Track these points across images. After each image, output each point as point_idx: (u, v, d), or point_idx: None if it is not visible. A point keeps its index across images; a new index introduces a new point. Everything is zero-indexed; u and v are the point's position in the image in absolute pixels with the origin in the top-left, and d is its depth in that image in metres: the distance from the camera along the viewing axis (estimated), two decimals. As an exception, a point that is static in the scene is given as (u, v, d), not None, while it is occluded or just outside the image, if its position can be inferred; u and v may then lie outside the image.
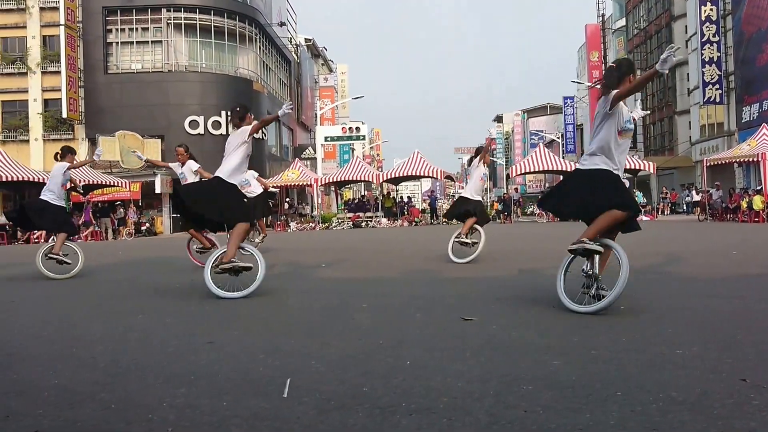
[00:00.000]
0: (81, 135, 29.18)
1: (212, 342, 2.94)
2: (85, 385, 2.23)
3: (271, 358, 2.55)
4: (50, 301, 5.00)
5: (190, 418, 1.83)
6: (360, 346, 2.79)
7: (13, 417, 1.88)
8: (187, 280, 6.09)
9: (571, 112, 48.51)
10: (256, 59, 32.96)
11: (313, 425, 1.73)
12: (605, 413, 1.74)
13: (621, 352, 2.48)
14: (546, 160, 25.67)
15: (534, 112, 64.98)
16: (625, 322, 3.14)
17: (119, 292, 5.31)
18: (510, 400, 1.89)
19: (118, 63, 29.85)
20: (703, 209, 21.25)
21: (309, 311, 3.87)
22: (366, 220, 25.74)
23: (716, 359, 2.33)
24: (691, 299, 3.87)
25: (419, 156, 26.20)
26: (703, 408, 1.77)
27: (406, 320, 3.43)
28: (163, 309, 4.25)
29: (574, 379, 2.10)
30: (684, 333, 2.83)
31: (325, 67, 54.98)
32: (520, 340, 2.79)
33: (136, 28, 30.02)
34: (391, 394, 2.00)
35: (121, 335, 3.24)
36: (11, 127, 29.31)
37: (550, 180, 53.33)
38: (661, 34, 36.24)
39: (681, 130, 33.51)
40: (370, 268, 6.96)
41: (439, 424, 1.71)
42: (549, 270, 6.09)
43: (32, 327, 3.65)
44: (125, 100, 28.81)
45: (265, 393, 2.05)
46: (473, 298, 4.31)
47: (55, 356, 2.75)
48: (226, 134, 29.64)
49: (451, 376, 2.18)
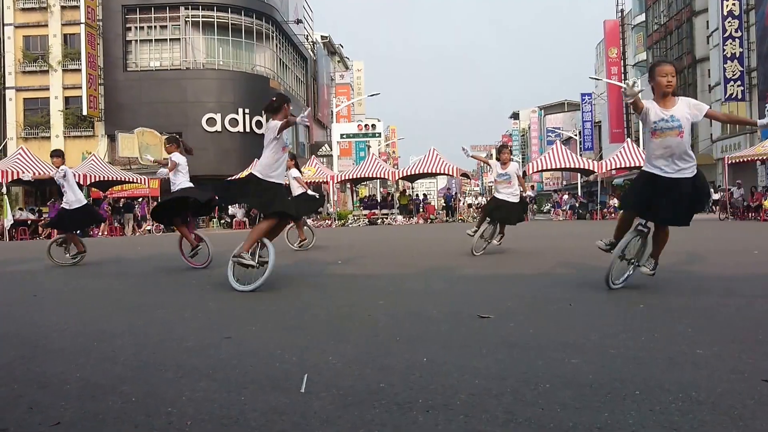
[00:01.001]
0: (101, 132, 29.67)
1: (230, 337, 2.97)
2: (107, 378, 2.27)
3: (288, 353, 2.57)
4: (71, 295, 5.09)
5: (209, 411, 1.85)
6: (377, 342, 2.80)
7: (36, 408, 1.92)
8: (205, 276, 6.16)
9: (588, 109, 47.92)
10: (273, 56, 33.14)
11: (331, 420, 1.74)
12: (624, 412, 1.73)
13: (640, 350, 2.45)
14: (563, 158, 25.41)
15: (551, 109, 64.37)
16: (644, 321, 3.10)
17: (139, 287, 5.39)
18: (527, 398, 1.88)
19: (137, 61, 30.24)
20: (724, 208, 20.88)
21: (326, 307, 3.89)
22: (382, 217, 25.77)
23: (737, 359, 2.29)
24: (711, 298, 3.81)
25: (435, 153, 26.12)
26: (724, 408, 1.74)
27: (423, 317, 3.43)
28: (181, 304, 4.30)
29: (592, 377, 2.08)
30: (704, 332, 2.79)
31: (341, 64, 55.09)
32: (538, 337, 2.78)
33: (155, 26, 30.37)
34: (408, 390, 2.00)
35: (141, 330, 3.29)
36: (33, 124, 29.88)
37: (567, 177, 52.81)
38: (682, 30, 35.66)
39: (702, 128, 32.94)
40: (386, 264, 6.96)
41: (456, 421, 1.71)
42: (567, 268, 6.04)
43: (55, 321, 3.72)
44: (144, 98, 29.19)
45: (283, 388, 2.07)
46: (490, 296, 4.29)
47: (78, 350, 2.81)
48: (243, 131, 29.92)
49: (468, 373, 2.18)
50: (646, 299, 3.75)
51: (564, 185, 53.47)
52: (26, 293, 5.22)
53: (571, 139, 49.66)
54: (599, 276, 5.24)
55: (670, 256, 6.86)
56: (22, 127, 29.69)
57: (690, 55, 35.18)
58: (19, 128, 29.59)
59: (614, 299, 3.87)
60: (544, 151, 42.69)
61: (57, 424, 1.77)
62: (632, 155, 24.09)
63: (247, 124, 30.16)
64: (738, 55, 27.18)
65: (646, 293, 4.07)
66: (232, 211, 27.35)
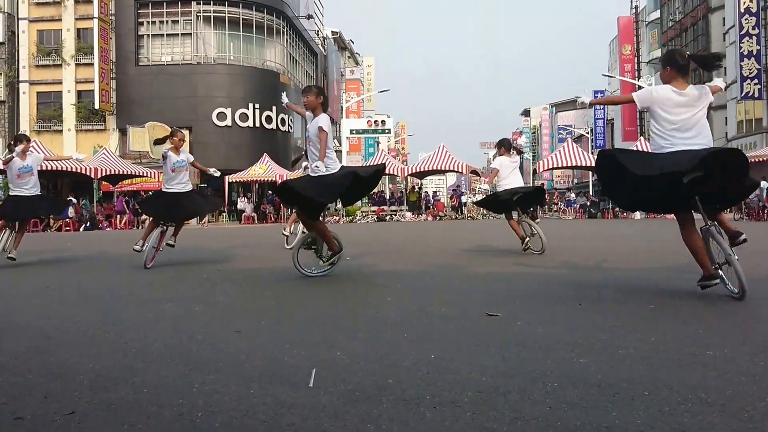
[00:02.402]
0: (112, 126, 29.91)
1: (239, 331, 2.99)
2: (119, 369, 2.30)
3: (297, 348, 2.59)
4: (83, 287, 5.15)
5: (218, 404, 1.87)
6: (385, 338, 2.81)
7: (51, 398, 1.96)
8: (214, 271, 6.21)
9: (601, 107, 47.49)
10: (284, 52, 33.20)
11: (339, 414, 1.76)
12: (632, 413, 1.73)
13: (650, 351, 2.44)
14: (574, 156, 25.25)
15: (563, 106, 63.88)
16: (654, 322, 3.09)
17: (149, 280, 5.44)
18: (535, 396, 1.89)
19: (148, 55, 30.43)
20: (738, 208, 20.66)
21: (334, 303, 3.91)
22: (390, 214, 25.77)
23: (749, 361, 2.27)
24: (723, 300, 3.78)
25: (445, 150, 26.07)
26: (734, 410, 1.73)
27: (431, 314, 3.44)
28: (191, 298, 4.34)
29: (600, 377, 2.08)
30: (716, 334, 2.78)
31: (351, 59, 55.05)
32: (547, 336, 2.77)
33: (167, 21, 30.53)
34: (415, 386, 2.01)
35: (151, 322, 3.32)
36: (46, 117, 30.18)
37: (578, 176, 52.45)
38: (698, 27, 35.23)
39: (717, 126, 32.55)
40: (394, 261, 6.97)
41: (463, 418, 1.71)
42: (576, 268, 6.01)
43: (67, 313, 3.78)
44: (155, 92, 29.36)
45: (292, 382, 2.09)
46: (499, 294, 4.29)
47: (90, 341, 2.85)
48: (253, 126, 30.01)
49: (476, 370, 2.19)
50: (656, 300, 3.73)
51: (575, 183, 53.11)
52: (37, 286, 5.29)
53: (583, 136, 49.30)
54: (609, 276, 5.21)
55: (681, 257, 6.81)
56: (35, 121, 30.01)
57: (705, 53, 34.77)
58: (32, 121, 29.90)
59: (624, 300, 3.86)
60: (555, 148, 42.43)
61: (72, 413, 1.80)
62: (644, 154, 23.82)
63: (257, 119, 30.25)
64: (755, 53, 26.80)
65: (656, 294, 4.04)
66: (241, 206, 27.49)
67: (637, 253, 7.59)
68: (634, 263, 6.22)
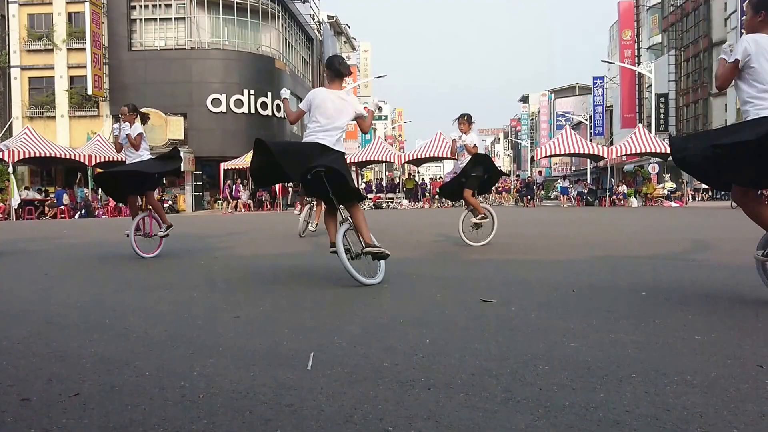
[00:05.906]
0: (105, 112, 29.62)
1: (238, 316, 3.05)
2: (121, 353, 2.35)
3: (296, 332, 2.65)
4: (81, 273, 5.19)
5: (219, 386, 1.92)
6: (381, 323, 2.87)
7: (56, 380, 2.01)
8: (212, 258, 6.25)
9: (600, 93, 47.21)
10: (279, 36, 32.88)
11: (336, 396, 1.81)
12: (619, 393, 1.79)
13: (640, 336, 2.51)
14: (573, 143, 25.26)
15: (561, 93, 63.73)
16: (646, 308, 3.16)
17: (146, 267, 5.48)
18: (526, 379, 1.95)
19: (141, 40, 30.07)
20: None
21: (332, 289, 3.97)
22: (387, 202, 25.80)
23: (735, 345, 2.35)
24: (716, 286, 3.86)
25: (442, 137, 26.02)
26: (717, 391, 1.80)
27: (427, 300, 3.51)
28: (190, 284, 4.39)
29: (590, 360, 2.14)
30: (706, 319, 2.85)
31: (347, 44, 54.58)
32: (540, 322, 2.84)
33: (160, 5, 30.12)
34: (411, 369, 2.07)
35: (151, 308, 3.37)
36: (38, 103, 29.87)
37: (576, 163, 52.47)
38: (699, 12, 35.10)
39: (716, 113, 32.60)
40: (391, 249, 6.99)
41: (456, 398, 1.77)
42: (571, 254, 6.09)
43: (67, 298, 3.82)
44: (149, 78, 29.07)
45: (291, 365, 2.15)
46: (494, 280, 4.35)
47: (91, 326, 2.89)
48: (248, 113, 29.83)
49: (470, 354, 2.25)
50: (648, 286, 3.81)
51: (573, 171, 53.14)
52: (37, 272, 5.32)
53: (582, 123, 49.21)
54: (602, 263, 5.29)
55: (675, 244, 6.90)
56: (27, 107, 29.69)
57: (707, 38, 34.63)
58: (24, 108, 29.61)
59: (617, 286, 3.93)
60: (554, 135, 42.40)
61: (76, 395, 1.85)
62: (644, 141, 23.84)
63: (252, 105, 30.05)
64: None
65: (648, 281, 4.12)
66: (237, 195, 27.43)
67: (631, 241, 7.67)
68: (628, 251, 6.30)
